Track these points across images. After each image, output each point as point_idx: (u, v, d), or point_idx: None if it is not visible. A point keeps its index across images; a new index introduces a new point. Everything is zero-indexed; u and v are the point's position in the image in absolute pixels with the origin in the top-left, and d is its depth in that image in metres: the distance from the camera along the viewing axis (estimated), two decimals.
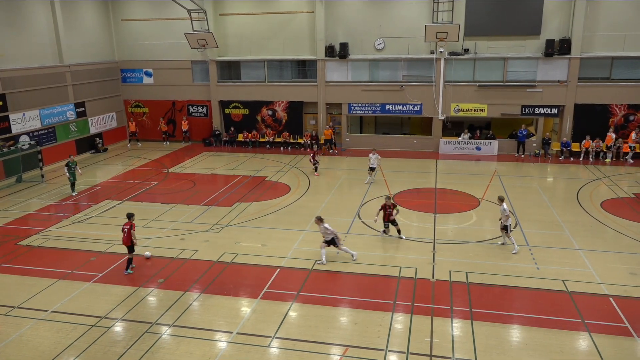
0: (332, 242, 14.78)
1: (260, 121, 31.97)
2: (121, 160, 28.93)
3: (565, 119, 27.78)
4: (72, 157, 23.04)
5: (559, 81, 27.46)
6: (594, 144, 27.00)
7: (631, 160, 26.43)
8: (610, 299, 12.61)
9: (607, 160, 26.83)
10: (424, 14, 28.04)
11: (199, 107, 32.90)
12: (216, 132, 32.28)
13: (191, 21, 29.75)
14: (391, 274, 14.13)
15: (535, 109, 28.03)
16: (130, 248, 14.41)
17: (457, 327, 11.54)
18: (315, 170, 24.89)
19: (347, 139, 30.86)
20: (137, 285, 13.72)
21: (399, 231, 16.58)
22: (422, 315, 12.00)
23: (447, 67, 28.50)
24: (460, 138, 29.45)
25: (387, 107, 29.79)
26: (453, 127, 30.93)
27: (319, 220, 14.77)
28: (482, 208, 19.69)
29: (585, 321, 11.62)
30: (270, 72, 31.34)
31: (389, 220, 16.54)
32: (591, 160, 26.96)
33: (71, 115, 29.31)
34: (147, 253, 15.54)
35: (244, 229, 17.70)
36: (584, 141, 27.21)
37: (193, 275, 14.26)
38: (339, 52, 29.34)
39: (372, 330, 11.47)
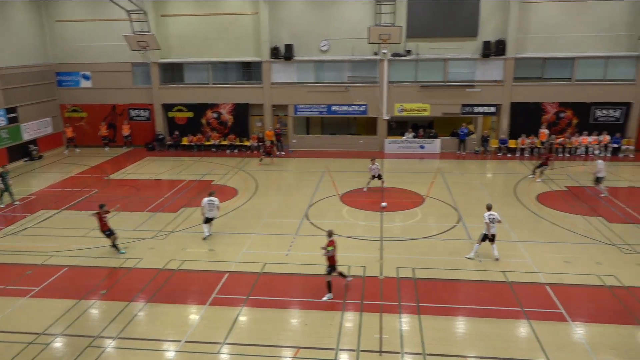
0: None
1: (206, 124, 31.46)
2: (58, 167, 27.65)
3: (502, 117, 28.98)
4: (5, 167, 21.81)
5: (495, 81, 28.62)
6: (529, 141, 28.34)
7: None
8: (547, 286, 13.27)
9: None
10: (367, 16, 28.49)
11: (140, 111, 31.96)
12: (159, 136, 31.48)
13: (131, 22, 28.87)
14: None
15: (475, 108, 29.09)
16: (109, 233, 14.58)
17: (406, 322, 11.80)
18: (261, 161, 26.67)
19: (294, 141, 30.89)
20: (78, 298, 13.16)
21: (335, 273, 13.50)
22: (371, 313, 12.18)
23: (390, 68, 29.07)
24: (404, 137, 30.11)
25: (333, 108, 30.06)
26: (397, 126, 31.61)
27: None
28: (426, 205, 20.21)
29: (525, 309, 12.17)
30: (215, 74, 30.91)
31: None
32: (527, 155, 28.27)
33: (1, 121, 27.74)
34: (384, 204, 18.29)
35: (191, 235, 17.36)
36: (520, 139, 28.48)
37: (138, 285, 13.84)
38: (284, 54, 29.33)
39: (323, 331, 11.54)
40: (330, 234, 13.14)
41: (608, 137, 27.90)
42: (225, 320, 12.00)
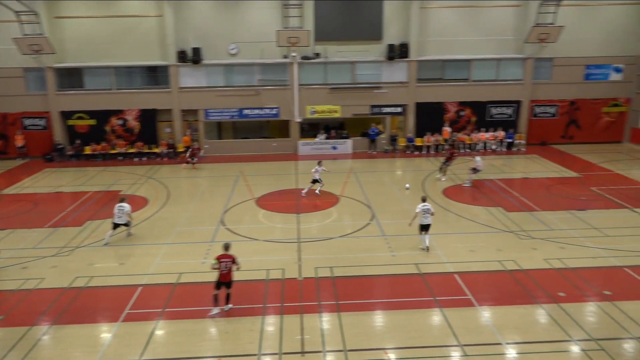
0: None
1: (110, 132, 29.87)
2: None
3: (408, 116, 30.32)
4: None
5: (400, 82, 29.88)
6: (434, 139, 29.91)
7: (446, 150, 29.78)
8: (455, 275, 14.06)
9: (445, 152, 29.88)
10: (275, 19, 28.55)
11: (36, 120, 29.65)
12: (59, 146, 29.40)
13: (20, 24, 26.70)
14: (259, 277, 14.16)
15: (383, 109, 30.17)
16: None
17: (326, 320, 11.96)
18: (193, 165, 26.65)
19: (206, 146, 30.23)
20: None
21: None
22: (292, 315, 12.21)
23: (300, 70, 29.35)
24: (317, 139, 30.54)
25: (245, 111, 29.80)
26: (310, 128, 31.99)
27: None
28: (341, 204, 20.63)
29: (437, 298, 12.81)
30: (118, 79, 29.45)
31: None
32: (432, 152, 29.80)
33: None
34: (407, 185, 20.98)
35: (98, 249, 16.39)
36: (425, 137, 29.96)
37: (40, 307, 12.82)
38: (192, 57, 28.61)
39: (244, 337, 11.40)
40: (226, 247, 12.54)
41: (503, 133, 30.15)
42: (141, 336, 11.46)
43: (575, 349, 10.75)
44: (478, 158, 22.81)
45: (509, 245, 16.12)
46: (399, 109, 30.27)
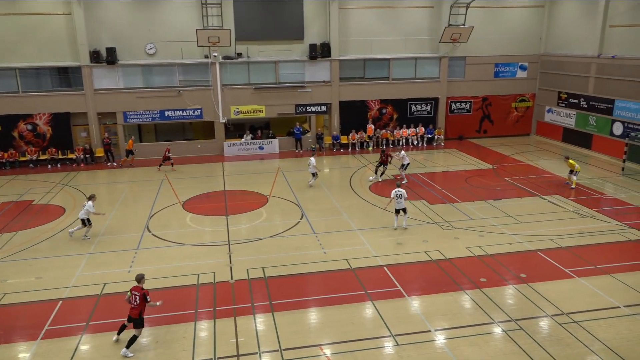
0: None
1: (18, 137, 27.77)
2: None
3: (333, 115, 30.75)
4: None
5: (324, 81, 30.21)
6: (359, 136, 30.57)
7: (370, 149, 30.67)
8: (385, 268, 14.47)
9: (369, 148, 30.64)
10: (194, 18, 27.85)
11: None
12: None
13: None
14: (189, 282, 13.79)
15: (307, 107, 30.37)
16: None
17: (260, 321, 11.87)
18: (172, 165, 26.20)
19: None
20: None
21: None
22: (225, 318, 12.01)
23: (222, 70, 28.86)
24: (243, 139, 30.20)
25: (167, 113, 28.84)
26: (235, 129, 31.54)
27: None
28: (270, 204, 20.55)
29: (368, 292, 13.12)
30: (25, 82, 27.43)
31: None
32: (357, 150, 30.44)
33: None
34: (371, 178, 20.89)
35: (11, 264, 15.22)
36: (350, 134, 30.55)
37: None
38: (107, 58, 27.24)
39: (176, 345, 11.06)
40: (137, 279, 11.07)
41: (423, 129, 31.38)
42: (63, 353, 10.78)
43: (497, 330, 11.42)
44: (403, 152, 23.48)
45: (434, 236, 16.82)
46: (323, 108, 30.62)
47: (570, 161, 22.15)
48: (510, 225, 17.63)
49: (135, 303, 10.87)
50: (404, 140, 31.14)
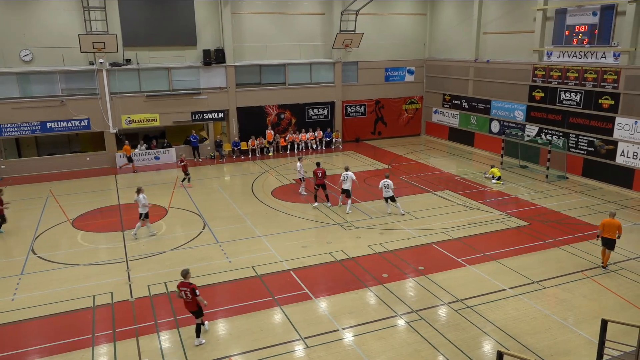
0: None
1: None
2: None
3: (231, 121, 30.34)
4: None
5: (220, 87, 29.73)
6: (258, 142, 30.47)
7: (271, 154, 30.92)
8: (291, 272, 14.56)
9: (270, 154, 30.66)
10: (76, 23, 26.02)
11: None
12: None
13: None
14: (84, 305, 12.85)
15: (204, 115, 29.68)
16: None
17: (165, 339, 11.39)
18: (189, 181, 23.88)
19: (3, 166, 26.26)
20: None
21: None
22: (126, 340, 11.35)
23: (110, 78, 27.29)
24: (137, 150, 28.75)
25: (49, 125, 26.62)
26: (128, 139, 29.94)
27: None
28: (170, 215, 19.79)
29: (276, 297, 13.11)
30: None
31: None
32: (258, 155, 30.33)
33: None
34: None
35: None
36: (249, 140, 30.34)
37: None
38: None
39: None
40: (183, 274, 11.15)
41: (321, 133, 32.03)
42: None
43: (401, 322, 11.97)
44: (299, 164, 22.73)
45: (337, 237, 17.23)
46: (220, 115, 30.11)
47: (494, 169, 23.72)
48: (407, 221, 18.57)
49: (188, 298, 11.07)
50: (303, 144, 31.56)
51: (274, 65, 30.85)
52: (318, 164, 20.71)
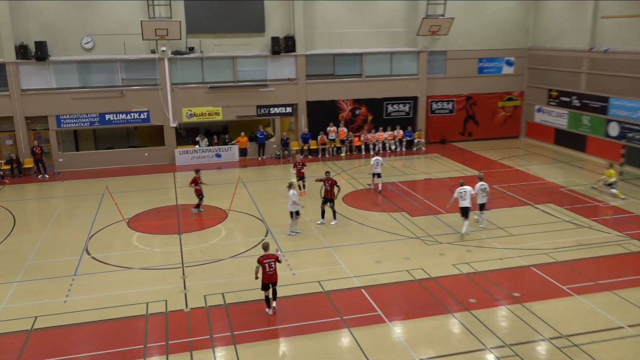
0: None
1: None
2: None
3: (300, 117, 30.77)
4: None
5: (289, 79, 30.26)
6: (330, 131, 30.30)
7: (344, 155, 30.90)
8: (362, 290, 14.46)
9: (342, 154, 30.76)
10: (139, 9, 27.48)
11: None
12: None
13: None
14: (137, 313, 13.46)
15: (271, 109, 30.32)
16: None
17: (221, 355, 11.66)
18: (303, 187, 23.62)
19: (60, 160, 28.21)
20: None
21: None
22: (179, 353, 11.75)
23: (172, 67, 28.55)
24: (197, 146, 29.87)
25: (107, 117, 28.30)
26: (188, 134, 31.20)
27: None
28: (230, 220, 20.32)
29: (344, 317, 13.07)
30: None
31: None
32: (328, 156, 30.51)
33: None
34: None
35: None
36: (319, 137, 30.55)
37: None
38: (36, 53, 26.57)
39: None
40: (265, 247, 13.37)
41: (401, 132, 31.72)
42: None
43: (490, 357, 11.52)
44: (374, 159, 23.51)
45: (416, 252, 16.93)
46: (288, 109, 30.62)
47: (611, 170, 22.26)
48: (501, 238, 17.91)
49: (271, 270, 13.10)
50: (380, 145, 31.38)
51: (349, 55, 30.94)
52: (327, 174, 19.96)
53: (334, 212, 19.66)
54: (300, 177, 23.49)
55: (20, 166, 27.35)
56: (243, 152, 29.05)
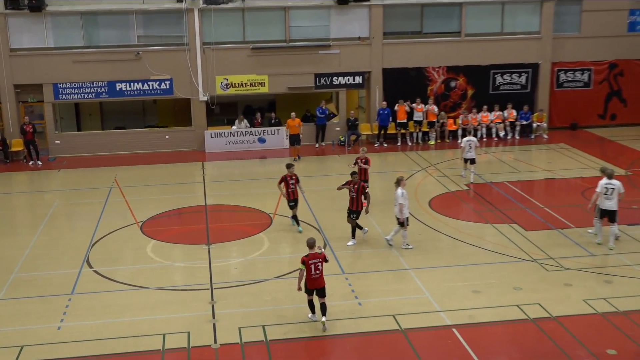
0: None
1: None
2: None
3: (373, 89, 30.66)
4: None
5: (359, 38, 30.23)
6: (418, 117, 30.21)
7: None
8: (454, 329, 14.25)
9: (431, 142, 30.46)
10: None
11: None
12: None
13: None
14: (151, 347, 13.79)
15: (334, 79, 30.37)
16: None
17: None
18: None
19: (57, 142, 29.30)
20: None
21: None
22: None
23: (204, 22, 29.05)
24: (234, 127, 30.27)
25: (118, 86, 29.16)
26: (222, 111, 31.73)
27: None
28: (276, 228, 20.52)
29: None
30: None
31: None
32: (411, 144, 30.24)
33: None
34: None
35: None
36: (396, 107, 30.14)
37: None
38: (29, 1, 27.68)
39: None
40: (311, 244, 14.13)
41: (514, 113, 31.10)
42: None
43: None
44: (466, 140, 23.92)
45: (531, 280, 16.55)
46: (358, 79, 30.59)
47: None
48: None
49: (317, 273, 13.91)
50: (483, 130, 30.88)
51: (443, 5, 30.63)
52: (354, 175, 19.14)
53: (355, 228, 19.11)
54: (362, 179, 21.40)
55: (7, 149, 28.57)
56: (294, 139, 28.85)
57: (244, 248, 19.01)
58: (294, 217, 20.13)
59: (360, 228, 19.20)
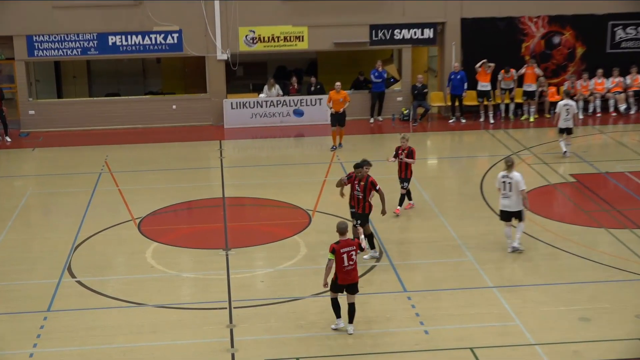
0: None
1: None
2: None
3: (448, 47, 30.47)
4: None
5: None
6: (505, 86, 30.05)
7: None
8: None
9: (527, 118, 30.15)
10: None
11: None
12: None
13: None
14: None
15: (396, 32, 30.23)
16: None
17: None
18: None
19: (32, 112, 29.70)
20: None
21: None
22: None
23: None
24: (262, 95, 30.33)
25: (111, 40, 29.41)
26: (247, 74, 31.83)
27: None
28: (315, 228, 20.56)
29: None
30: None
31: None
32: (496, 120, 29.96)
33: None
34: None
35: None
36: (499, 77, 30.10)
37: None
38: None
39: None
40: (342, 230, 14.94)
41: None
42: None
43: None
44: (563, 103, 24.29)
45: None
46: (428, 32, 30.43)
47: None
48: None
49: (351, 264, 14.50)
50: (597, 101, 30.51)
51: None
52: (366, 165, 18.53)
53: (372, 236, 18.83)
54: (403, 178, 21.85)
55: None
56: (338, 118, 27.20)
57: (272, 255, 19.10)
58: (368, 237, 18.26)
59: (371, 245, 18.46)
